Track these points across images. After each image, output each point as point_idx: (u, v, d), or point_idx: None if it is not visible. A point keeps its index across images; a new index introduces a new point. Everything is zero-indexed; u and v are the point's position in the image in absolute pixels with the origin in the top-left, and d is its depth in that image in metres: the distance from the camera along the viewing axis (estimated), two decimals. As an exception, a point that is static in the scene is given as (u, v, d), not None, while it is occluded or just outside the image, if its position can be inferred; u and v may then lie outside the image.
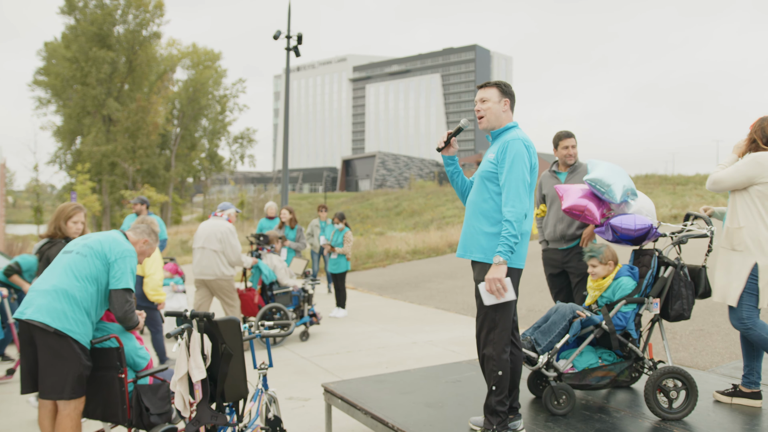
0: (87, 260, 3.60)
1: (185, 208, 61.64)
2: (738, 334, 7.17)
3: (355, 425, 4.72)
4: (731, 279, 3.85)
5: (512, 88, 3.56)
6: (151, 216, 8.84)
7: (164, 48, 55.53)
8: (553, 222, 5.19)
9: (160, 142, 52.55)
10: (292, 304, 7.96)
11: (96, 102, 48.33)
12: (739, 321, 3.85)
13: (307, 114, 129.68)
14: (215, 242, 6.98)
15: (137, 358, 3.73)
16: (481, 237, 3.36)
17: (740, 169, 3.79)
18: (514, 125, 3.49)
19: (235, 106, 60.25)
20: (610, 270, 4.02)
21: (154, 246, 4.20)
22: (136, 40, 49.73)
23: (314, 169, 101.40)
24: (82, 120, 49.17)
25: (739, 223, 3.83)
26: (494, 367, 3.31)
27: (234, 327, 3.42)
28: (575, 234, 5.00)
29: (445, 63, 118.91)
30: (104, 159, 46.38)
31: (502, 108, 3.48)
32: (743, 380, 4.01)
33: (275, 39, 13.03)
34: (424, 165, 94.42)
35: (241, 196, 44.09)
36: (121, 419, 3.55)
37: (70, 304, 3.43)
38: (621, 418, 3.78)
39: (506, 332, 3.33)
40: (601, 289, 4.00)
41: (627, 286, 3.91)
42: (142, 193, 34.96)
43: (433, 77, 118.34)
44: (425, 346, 7.66)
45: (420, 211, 41.23)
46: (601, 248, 4.04)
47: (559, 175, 5.24)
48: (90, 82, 47.49)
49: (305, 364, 6.75)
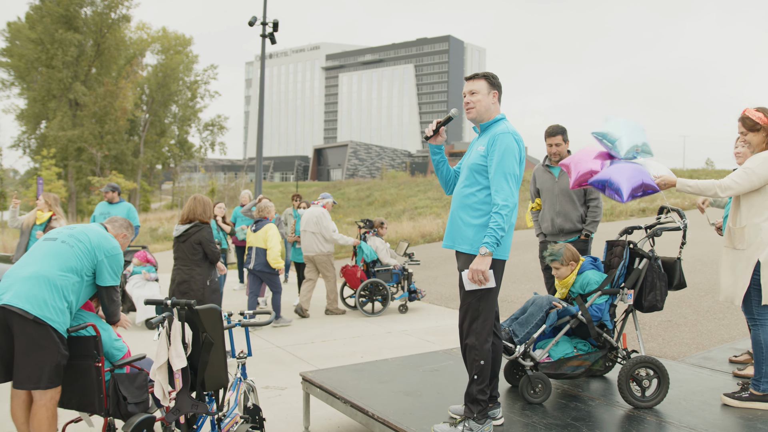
0: (73, 251, 3.53)
1: (154, 195, 60.67)
2: (705, 326, 7.39)
3: (332, 414, 4.73)
4: (737, 278, 3.89)
5: (499, 80, 3.58)
6: (123, 203, 8.73)
7: (133, 32, 54.37)
8: (550, 216, 5.27)
9: (128, 127, 51.52)
10: (393, 280, 9.20)
11: (62, 85, 47.11)
12: (751, 317, 3.92)
13: (279, 102, 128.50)
14: (312, 225, 8.77)
15: (114, 349, 3.69)
16: (467, 228, 3.38)
17: (756, 171, 3.74)
18: (502, 117, 3.51)
19: (206, 92, 59.39)
20: (573, 268, 4.10)
21: (130, 240, 4.18)
22: (104, 22, 48.51)
23: (286, 157, 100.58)
24: (47, 104, 47.92)
25: (741, 222, 3.86)
26: (476, 356, 3.35)
27: (215, 315, 3.40)
28: (574, 228, 5.09)
29: (418, 53, 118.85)
30: (70, 144, 45.29)
31: (491, 100, 3.50)
32: (753, 383, 3.96)
33: (251, 25, 12.85)
34: (396, 155, 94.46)
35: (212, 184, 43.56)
36: (97, 408, 3.51)
37: (50, 292, 3.37)
38: (595, 406, 3.86)
39: (489, 322, 3.36)
40: (567, 286, 4.09)
41: (593, 279, 4.00)
42: (110, 179, 34.30)
43: (406, 67, 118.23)
44: (400, 335, 7.71)
45: (392, 201, 41.30)
46: (560, 250, 4.10)
47: (552, 170, 5.32)
48: (56, 64, 46.25)
49: (280, 353, 6.74)
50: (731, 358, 5.16)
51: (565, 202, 5.16)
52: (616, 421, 3.65)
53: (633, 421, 3.61)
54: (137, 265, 8.37)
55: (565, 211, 5.17)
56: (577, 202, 5.16)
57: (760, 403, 3.86)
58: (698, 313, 7.96)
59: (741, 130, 3.90)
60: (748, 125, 3.83)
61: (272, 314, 3.98)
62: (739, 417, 3.73)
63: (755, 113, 3.81)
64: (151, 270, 8.39)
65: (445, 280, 12.06)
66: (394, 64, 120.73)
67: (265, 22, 13.23)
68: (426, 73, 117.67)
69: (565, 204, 5.16)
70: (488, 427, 3.38)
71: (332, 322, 8.46)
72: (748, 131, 3.85)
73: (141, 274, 8.23)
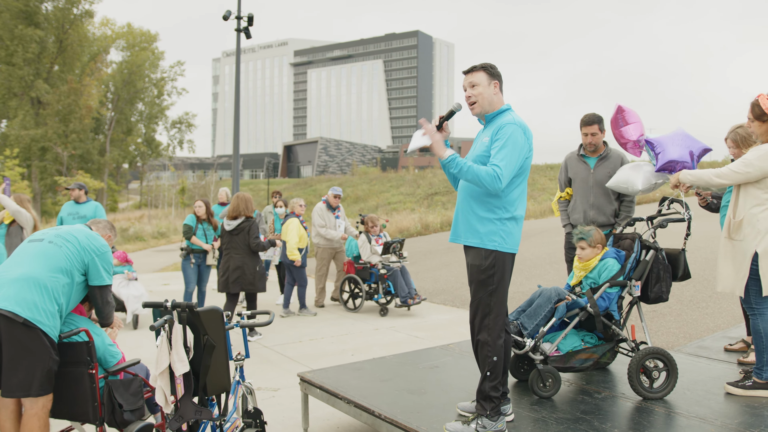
0: (61, 251, 3.36)
1: (121, 195, 59.48)
2: (690, 315, 7.47)
3: (330, 414, 4.63)
4: (736, 269, 3.87)
5: (498, 70, 3.48)
6: (91, 202, 8.49)
7: (97, 28, 53.05)
8: (582, 208, 5.09)
9: (93, 126, 50.28)
10: (370, 279, 8.86)
11: (23, 83, 45.70)
12: (749, 307, 3.91)
13: (247, 99, 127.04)
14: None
15: (108, 355, 3.51)
16: (475, 222, 3.30)
17: (754, 164, 3.73)
18: (508, 108, 3.41)
19: (173, 89, 58.30)
20: (598, 253, 4.06)
21: (113, 242, 4.02)
22: (66, 18, 47.16)
23: (255, 154, 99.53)
24: (7, 102, 46.43)
25: (739, 214, 3.85)
26: (489, 352, 3.27)
27: (216, 317, 3.26)
28: (607, 222, 4.94)
29: (387, 49, 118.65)
30: (34, 144, 44.03)
31: (492, 91, 3.39)
32: (755, 372, 3.97)
33: (225, 19, 12.54)
34: (367, 151, 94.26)
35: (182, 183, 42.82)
36: (91, 417, 3.34)
37: (41, 294, 3.19)
38: (603, 399, 3.83)
39: (501, 318, 3.30)
40: (587, 269, 4.03)
41: (612, 268, 3.96)
42: (77, 179, 33.44)
43: (375, 63, 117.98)
44: (388, 332, 7.62)
45: (364, 197, 41.21)
46: (590, 231, 4.07)
47: (587, 160, 5.10)
48: (16, 61, 44.81)
49: (269, 354, 6.60)
50: (726, 346, 5.19)
51: (600, 194, 4.99)
52: (626, 414, 3.62)
53: (643, 413, 3.58)
54: (117, 265, 8.28)
55: (600, 203, 4.99)
56: (612, 196, 4.97)
57: (763, 390, 3.87)
58: (682, 302, 8.04)
59: (749, 115, 3.86)
60: (756, 113, 3.79)
61: (271, 314, 3.85)
62: (745, 405, 3.73)
63: (767, 102, 3.77)
64: (131, 269, 8.30)
65: (427, 275, 12.00)
66: (362, 59, 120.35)
67: (240, 17, 12.97)
68: (395, 69, 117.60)
69: (600, 197, 4.99)
70: (501, 424, 3.30)
71: (318, 321, 8.33)
72: (755, 119, 3.82)
73: (123, 273, 8.15)
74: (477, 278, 3.31)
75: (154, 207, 45.59)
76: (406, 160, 71.29)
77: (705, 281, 8.88)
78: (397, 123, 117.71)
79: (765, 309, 3.87)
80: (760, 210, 3.78)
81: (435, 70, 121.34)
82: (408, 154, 3.32)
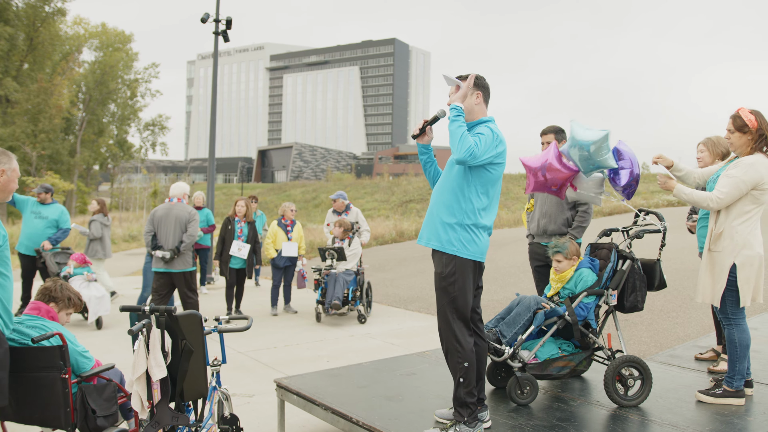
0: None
1: (91, 197, 58.31)
2: (660, 324, 7.59)
3: (306, 420, 4.59)
4: (714, 280, 3.92)
5: (486, 82, 3.48)
6: (56, 204, 8.35)
7: (70, 26, 52.17)
8: (537, 217, 5.27)
9: (64, 126, 49.34)
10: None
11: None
12: (725, 317, 3.96)
13: (222, 102, 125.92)
14: None
15: (81, 359, 3.44)
16: (439, 226, 3.35)
17: (743, 179, 3.75)
18: (490, 119, 3.43)
19: (147, 91, 57.54)
20: (573, 264, 4.11)
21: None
22: (37, 15, 46.25)
23: (229, 159, 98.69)
24: (-26, 100, 45.41)
25: (719, 226, 3.90)
26: (459, 359, 3.29)
27: (195, 322, 3.23)
28: (558, 230, 5.07)
29: (363, 56, 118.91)
30: (1, 143, 42.99)
31: (474, 101, 3.41)
32: (726, 380, 4.02)
33: (203, 22, 12.45)
34: (342, 157, 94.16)
35: (155, 186, 42.20)
36: (63, 423, 3.26)
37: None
38: (578, 406, 3.87)
39: (465, 323, 3.33)
40: (563, 281, 4.09)
41: (588, 279, 4.01)
42: (45, 180, 32.74)
43: (351, 69, 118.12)
44: (363, 338, 7.60)
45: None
46: (565, 243, 4.13)
47: None
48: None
49: (243, 359, 6.53)
50: (697, 355, 5.29)
51: (551, 203, 5.15)
52: (601, 421, 3.67)
53: (618, 421, 3.63)
54: (77, 266, 8.19)
55: (551, 212, 5.15)
56: (565, 206, 5.11)
57: (733, 398, 3.95)
58: (653, 312, 8.18)
59: (729, 127, 3.92)
60: (738, 125, 3.87)
61: (249, 319, 3.81)
62: (716, 413, 3.80)
63: (748, 115, 3.84)
64: (90, 271, 8.26)
65: (402, 282, 12.01)
66: (339, 65, 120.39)
67: (218, 20, 12.88)
68: (371, 75, 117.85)
69: (552, 205, 5.15)
70: (479, 430, 3.32)
71: (293, 327, 8.27)
72: (735, 130, 3.88)
73: (83, 275, 8.05)
74: (439, 285, 3.37)
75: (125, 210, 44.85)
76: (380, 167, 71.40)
77: (675, 291, 9.05)
78: (372, 130, 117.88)
79: (741, 320, 3.95)
80: (740, 222, 3.84)
81: (411, 78, 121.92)
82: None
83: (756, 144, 3.83)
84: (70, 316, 3.70)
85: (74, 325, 7.95)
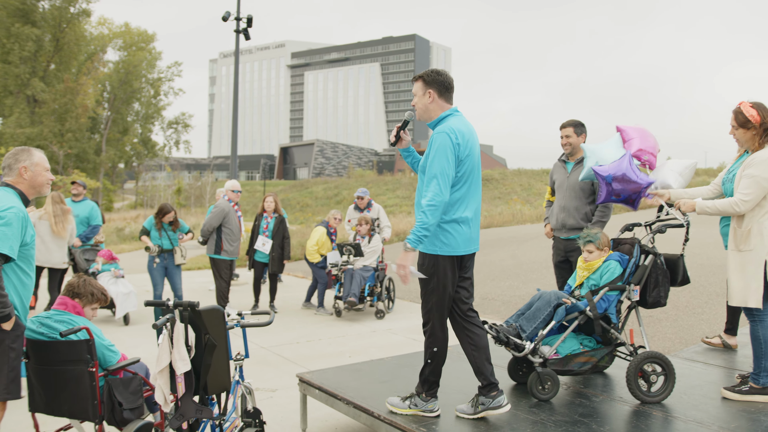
0: None
1: (117, 194, 59.26)
2: (685, 321, 7.50)
3: (328, 415, 4.63)
4: (748, 280, 3.81)
5: (442, 75, 3.53)
6: (87, 201, 8.50)
7: (95, 27, 52.97)
8: (556, 211, 5.26)
9: (89, 125, 50.15)
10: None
11: (19, 81, 45.54)
12: (750, 314, 3.88)
13: (244, 100, 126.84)
14: None
15: (107, 352, 3.51)
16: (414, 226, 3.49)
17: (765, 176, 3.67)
18: (448, 114, 3.51)
19: (170, 89, 58.19)
20: (603, 255, 4.09)
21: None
22: (63, 17, 47.04)
23: (251, 156, 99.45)
24: (3, 100, 46.25)
25: (746, 224, 3.81)
26: (431, 343, 3.54)
27: (218, 316, 3.28)
28: (577, 225, 5.04)
29: (384, 52, 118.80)
30: (29, 142, 43.81)
31: (427, 101, 3.52)
32: (752, 377, 3.97)
33: (224, 20, 12.53)
34: (363, 154, 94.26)
35: (178, 183, 42.76)
36: (91, 415, 3.34)
37: None
38: (600, 402, 3.85)
39: (442, 314, 3.52)
40: (591, 270, 4.06)
41: (614, 271, 3.98)
42: (72, 178, 33.33)
43: (372, 66, 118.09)
44: (385, 334, 7.63)
45: (361, 200, 41.13)
46: (597, 234, 4.10)
47: (567, 165, 5.31)
48: (12, 60, 44.67)
49: (266, 354, 6.60)
50: (703, 339, 5.38)
51: (570, 197, 5.12)
52: (624, 417, 3.64)
53: (641, 417, 3.60)
54: (105, 263, 8.31)
55: (570, 206, 5.13)
56: (584, 200, 5.08)
57: (759, 396, 3.89)
58: (678, 308, 8.08)
59: (732, 123, 3.86)
60: (740, 120, 3.79)
61: (271, 315, 3.85)
62: (742, 410, 3.75)
63: (749, 109, 3.75)
64: (117, 267, 8.34)
65: (423, 278, 12.00)
66: (360, 62, 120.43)
67: (239, 18, 12.98)
68: (392, 72, 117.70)
69: (571, 199, 5.12)
70: (432, 405, 3.56)
71: (315, 322, 8.33)
72: (739, 126, 3.81)
73: (110, 271, 8.15)
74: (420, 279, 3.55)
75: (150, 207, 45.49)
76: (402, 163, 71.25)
77: (701, 287, 8.93)
78: (393, 126, 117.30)
79: (766, 316, 3.88)
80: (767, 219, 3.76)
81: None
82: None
83: (762, 138, 3.78)
84: (95, 311, 3.76)
85: (102, 321, 8.09)
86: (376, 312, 8.57)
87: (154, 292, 8.01)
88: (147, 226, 7.97)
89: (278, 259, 8.76)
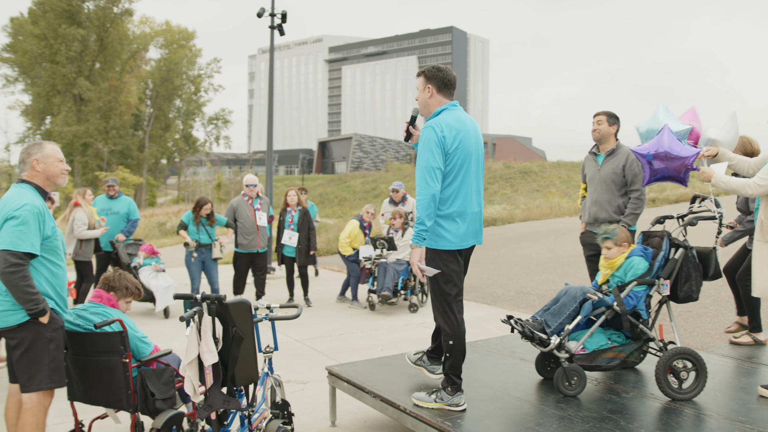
0: None
1: (159, 190, 60.69)
2: (726, 316, 7.29)
3: (357, 408, 4.68)
4: None
5: (443, 71, 3.59)
6: (123, 197, 8.73)
7: (137, 26, 54.24)
8: (588, 205, 5.19)
9: (133, 122, 51.48)
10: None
11: (66, 81, 47.06)
12: None
13: (282, 95, 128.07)
14: None
15: (140, 344, 3.62)
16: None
17: None
18: (443, 109, 3.56)
19: (210, 86, 59.22)
20: (624, 251, 4.01)
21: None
22: (107, 17, 48.38)
23: (290, 150, 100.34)
24: (51, 99, 47.87)
25: None
26: (446, 337, 3.55)
27: (245, 309, 3.34)
28: (609, 218, 4.95)
29: (421, 45, 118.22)
30: (76, 140, 45.25)
31: (426, 96, 3.61)
32: None
33: (259, 17, 12.73)
34: (401, 147, 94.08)
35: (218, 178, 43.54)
36: (125, 405, 3.46)
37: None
38: (631, 399, 3.79)
39: (449, 305, 3.52)
40: (613, 267, 3.99)
41: (639, 267, 3.90)
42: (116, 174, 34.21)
43: (409, 59, 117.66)
44: (418, 328, 7.64)
45: (398, 193, 41.14)
46: (615, 230, 4.03)
47: (597, 157, 5.21)
48: (59, 60, 46.17)
49: (299, 347, 6.69)
50: (730, 340, 5.23)
51: (602, 190, 5.02)
52: (654, 414, 3.58)
53: (672, 414, 3.54)
54: (146, 257, 8.51)
55: (602, 200, 5.02)
56: (616, 192, 4.98)
57: None
58: (718, 303, 7.87)
59: None
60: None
61: (299, 308, 3.90)
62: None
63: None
64: (158, 261, 8.55)
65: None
66: (397, 56, 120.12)
67: (274, 14, 13.12)
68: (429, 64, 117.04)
69: (603, 193, 5.02)
70: (458, 399, 3.56)
71: (349, 316, 8.40)
72: None
73: (151, 265, 8.35)
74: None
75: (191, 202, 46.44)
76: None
77: (743, 281, 8.66)
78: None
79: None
80: None
81: (469, 66, 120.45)
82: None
83: None
84: (129, 304, 3.88)
85: (143, 314, 8.31)
86: (410, 306, 8.59)
87: (191, 286, 8.19)
88: (185, 220, 8.15)
89: (305, 251, 8.84)
